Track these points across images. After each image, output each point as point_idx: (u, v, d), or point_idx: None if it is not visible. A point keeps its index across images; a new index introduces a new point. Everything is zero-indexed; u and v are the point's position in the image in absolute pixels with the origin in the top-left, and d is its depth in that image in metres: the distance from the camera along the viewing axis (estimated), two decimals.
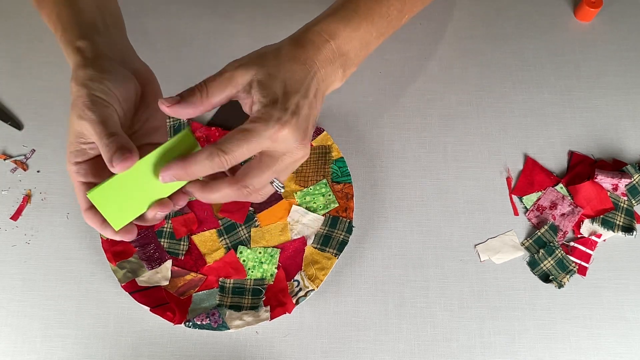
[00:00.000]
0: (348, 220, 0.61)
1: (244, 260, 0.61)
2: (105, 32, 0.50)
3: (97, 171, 0.46)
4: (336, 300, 0.60)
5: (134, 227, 0.48)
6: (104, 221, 0.46)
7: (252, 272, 0.60)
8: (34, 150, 0.67)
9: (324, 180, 0.63)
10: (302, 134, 0.44)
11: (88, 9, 0.50)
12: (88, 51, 0.47)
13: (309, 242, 0.61)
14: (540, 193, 0.63)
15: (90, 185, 0.46)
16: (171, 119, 0.66)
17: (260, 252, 0.61)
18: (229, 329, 0.56)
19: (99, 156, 0.45)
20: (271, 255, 0.61)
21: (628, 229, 0.61)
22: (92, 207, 0.46)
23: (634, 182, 0.62)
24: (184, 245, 0.62)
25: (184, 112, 0.43)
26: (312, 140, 0.65)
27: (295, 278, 0.60)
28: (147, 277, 0.60)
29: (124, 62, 0.48)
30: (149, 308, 0.57)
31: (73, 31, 0.49)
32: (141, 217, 0.47)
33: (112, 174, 0.44)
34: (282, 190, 0.48)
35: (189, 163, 0.43)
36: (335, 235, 0.61)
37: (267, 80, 0.44)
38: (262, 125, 0.42)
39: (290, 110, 0.43)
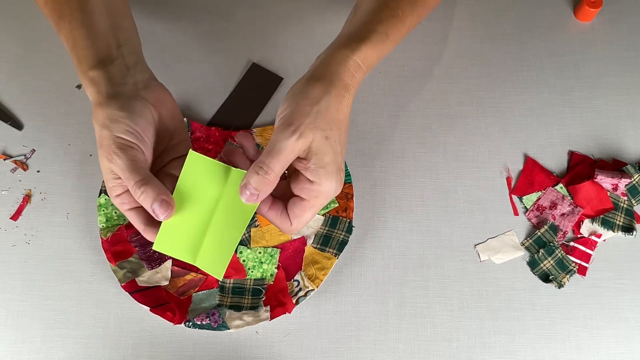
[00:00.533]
0: (348, 220, 0.61)
1: (243, 260, 0.61)
2: (118, 58, 0.50)
3: None
4: (336, 300, 0.60)
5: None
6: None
7: (252, 272, 0.60)
8: (34, 150, 0.67)
9: None
10: (342, 178, 0.48)
11: (102, 32, 0.51)
12: (102, 84, 0.49)
13: (309, 242, 0.61)
14: (540, 193, 0.63)
15: (135, 211, 0.48)
16: None
17: (260, 252, 0.61)
18: (229, 329, 0.56)
19: None
20: (271, 255, 0.61)
21: (628, 229, 0.61)
22: (149, 224, 0.48)
23: (634, 182, 0.62)
24: None
25: (262, 198, 0.46)
26: None
27: (295, 278, 0.60)
28: (147, 277, 0.60)
29: (137, 88, 0.49)
30: (149, 308, 0.57)
31: (87, 61, 0.50)
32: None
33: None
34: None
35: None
36: (335, 235, 0.61)
37: (324, 147, 0.45)
38: (323, 200, 0.47)
39: (340, 167, 0.47)
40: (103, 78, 0.49)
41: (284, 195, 0.49)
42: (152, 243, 0.61)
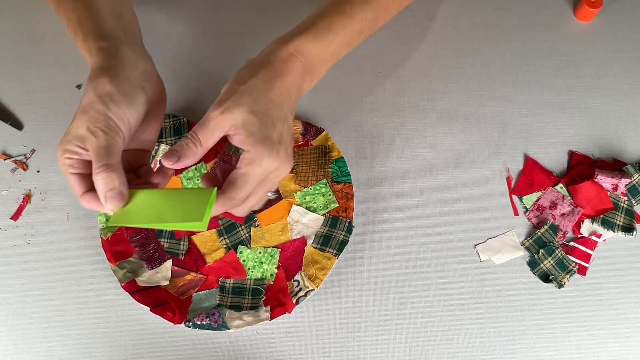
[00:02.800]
0: (348, 220, 0.61)
1: (244, 260, 0.61)
2: (126, 44, 0.51)
3: (88, 168, 0.47)
4: (336, 300, 0.60)
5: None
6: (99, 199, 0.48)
7: (252, 272, 0.60)
8: (34, 150, 0.67)
9: (324, 180, 0.63)
10: (288, 155, 0.49)
11: (109, 19, 0.52)
12: (113, 57, 0.49)
13: (309, 242, 0.61)
14: (540, 193, 0.63)
15: (79, 176, 0.47)
16: (171, 120, 0.66)
17: (260, 252, 0.61)
18: (229, 329, 0.56)
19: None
20: (271, 255, 0.61)
21: (628, 229, 0.61)
22: (87, 192, 0.47)
23: (634, 182, 0.62)
24: (184, 245, 0.62)
25: (184, 164, 0.47)
26: (312, 140, 0.65)
27: (295, 278, 0.60)
28: (147, 277, 0.60)
29: (143, 79, 0.50)
30: (149, 308, 0.57)
31: (97, 33, 0.51)
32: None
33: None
34: (274, 196, 0.57)
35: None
36: (335, 235, 0.61)
37: (251, 119, 0.47)
38: (257, 167, 0.47)
39: (276, 141, 0.48)
40: (115, 52, 0.49)
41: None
42: (152, 243, 0.61)
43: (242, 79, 0.49)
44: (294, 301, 0.58)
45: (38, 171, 0.66)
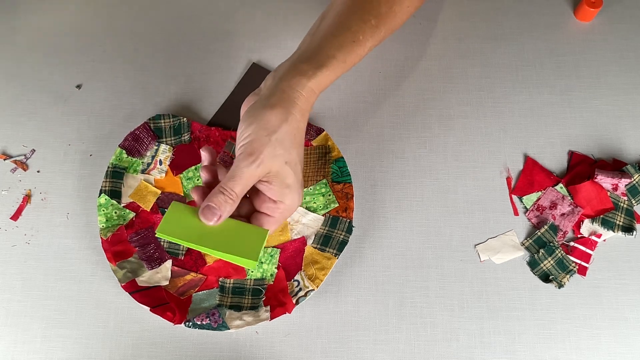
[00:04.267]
0: (348, 220, 0.61)
1: None
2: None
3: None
4: (336, 300, 0.60)
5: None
6: None
7: (252, 272, 0.60)
8: (34, 150, 0.67)
9: (324, 180, 0.63)
10: (302, 191, 0.52)
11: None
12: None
13: (309, 242, 0.61)
14: (540, 193, 0.63)
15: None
16: (171, 120, 0.66)
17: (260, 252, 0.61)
18: (229, 329, 0.56)
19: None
20: (271, 255, 0.61)
21: (628, 229, 0.61)
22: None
23: (634, 182, 0.62)
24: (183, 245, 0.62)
25: (224, 219, 0.49)
26: (312, 140, 0.65)
27: (295, 278, 0.60)
28: (147, 277, 0.60)
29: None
30: (149, 308, 0.57)
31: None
32: None
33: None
34: None
35: None
36: (335, 235, 0.61)
37: (285, 170, 0.49)
38: (287, 213, 0.51)
39: (301, 182, 0.51)
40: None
41: (247, 213, 0.53)
42: (152, 243, 0.61)
43: (271, 127, 0.48)
44: (294, 301, 0.58)
45: (38, 171, 0.66)
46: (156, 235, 0.49)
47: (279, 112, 0.48)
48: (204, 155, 0.52)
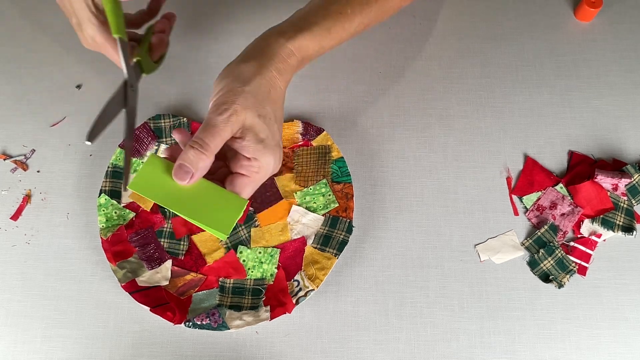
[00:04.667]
0: (348, 220, 0.61)
1: (244, 260, 0.61)
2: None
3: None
4: (336, 300, 0.60)
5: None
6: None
7: (252, 272, 0.60)
8: (34, 150, 0.67)
9: (324, 180, 0.63)
10: (282, 155, 0.50)
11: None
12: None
13: (309, 242, 0.61)
14: (540, 193, 0.63)
15: None
16: (171, 120, 0.66)
17: (260, 252, 0.61)
18: (229, 329, 0.56)
19: None
20: (271, 255, 0.61)
21: (628, 229, 0.61)
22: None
23: (634, 182, 0.62)
24: (184, 245, 0.62)
25: (199, 176, 0.46)
26: (312, 140, 0.65)
27: (295, 278, 0.60)
28: (147, 277, 0.60)
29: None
30: (149, 308, 0.57)
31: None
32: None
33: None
34: None
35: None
36: (335, 235, 0.61)
37: (258, 123, 0.47)
38: (263, 173, 0.48)
39: (279, 144, 0.49)
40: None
41: (220, 176, 0.50)
42: (152, 243, 0.61)
43: (245, 78, 0.47)
44: (294, 301, 0.58)
45: (38, 171, 0.66)
46: (127, 188, 0.46)
47: (253, 65, 0.48)
48: (177, 136, 0.50)
